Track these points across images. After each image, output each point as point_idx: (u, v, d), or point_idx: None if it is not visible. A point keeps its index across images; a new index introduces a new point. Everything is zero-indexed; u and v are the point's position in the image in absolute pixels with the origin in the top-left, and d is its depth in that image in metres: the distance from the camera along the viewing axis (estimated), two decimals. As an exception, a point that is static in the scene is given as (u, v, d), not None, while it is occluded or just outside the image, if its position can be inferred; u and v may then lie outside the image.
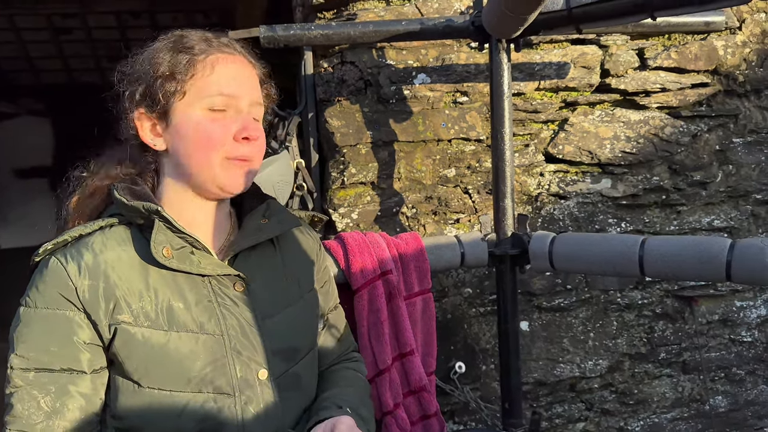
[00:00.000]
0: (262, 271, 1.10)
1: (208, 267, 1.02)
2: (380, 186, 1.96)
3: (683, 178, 2.13)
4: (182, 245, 1.01)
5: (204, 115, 1.02)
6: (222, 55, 1.05)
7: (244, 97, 1.05)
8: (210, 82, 1.02)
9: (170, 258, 0.98)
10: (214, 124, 1.02)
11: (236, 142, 1.03)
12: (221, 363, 1.00)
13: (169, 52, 1.03)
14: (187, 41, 1.05)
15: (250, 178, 1.08)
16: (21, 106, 7.02)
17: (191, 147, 1.02)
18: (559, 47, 2.03)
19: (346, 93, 1.93)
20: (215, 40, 1.07)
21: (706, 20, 1.86)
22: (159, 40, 1.07)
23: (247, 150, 1.04)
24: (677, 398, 2.22)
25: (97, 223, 1.04)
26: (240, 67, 1.06)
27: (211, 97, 1.02)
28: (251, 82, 1.07)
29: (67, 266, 0.97)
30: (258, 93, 1.09)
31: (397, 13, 1.93)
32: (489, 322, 2.06)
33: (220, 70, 1.03)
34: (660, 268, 1.44)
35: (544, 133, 2.06)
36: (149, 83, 1.02)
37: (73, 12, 5.22)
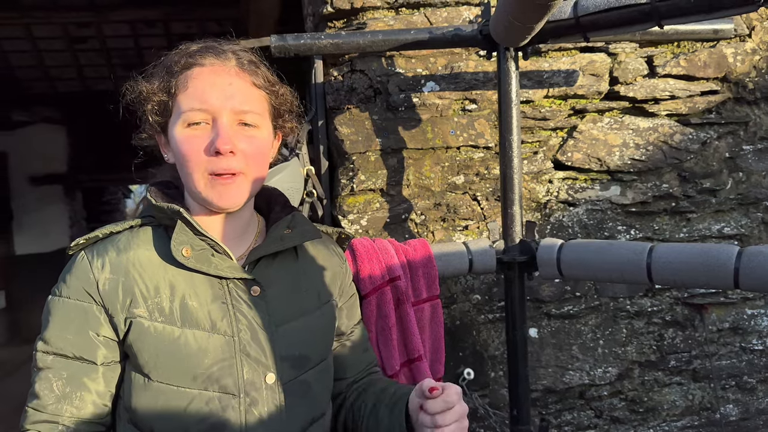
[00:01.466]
0: (280, 279, 1.11)
1: (226, 270, 1.04)
2: (389, 193, 1.98)
3: (693, 186, 2.12)
4: (203, 247, 1.03)
5: (181, 132, 1.02)
6: (199, 68, 1.04)
7: (221, 107, 1.02)
8: (185, 97, 1.03)
9: (189, 258, 1.01)
10: (188, 142, 1.02)
11: (211, 155, 1.00)
12: (229, 363, 1.02)
13: (161, 72, 1.06)
14: (174, 58, 1.06)
15: (242, 191, 1.05)
16: (36, 114, 7.13)
17: (180, 164, 1.04)
18: (568, 55, 2.04)
19: (356, 101, 1.95)
20: (204, 51, 1.05)
21: (715, 28, 1.86)
22: (162, 57, 1.10)
23: (225, 164, 1.01)
24: (687, 406, 2.20)
25: (128, 222, 1.09)
26: (218, 77, 1.03)
27: (186, 112, 1.02)
28: (234, 89, 1.03)
29: (93, 261, 1.02)
30: (247, 98, 1.05)
31: (406, 22, 1.95)
32: (498, 329, 2.07)
33: (195, 84, 1.03)
34: (668, 275, 1.44)
35: (553, 140, 2.07)
36: (150, 103, 1.06)
37: (87, 21, 5.31)
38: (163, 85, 1.05)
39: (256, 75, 1.07)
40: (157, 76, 1.07)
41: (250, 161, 1.04)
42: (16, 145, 7.02)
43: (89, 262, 1.02)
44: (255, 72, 1.07)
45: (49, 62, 6.21)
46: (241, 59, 1.07)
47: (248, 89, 1.06)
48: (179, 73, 1.04)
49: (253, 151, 1.05)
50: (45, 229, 6.93)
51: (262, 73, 1.09)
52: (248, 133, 1.04)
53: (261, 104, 1.08)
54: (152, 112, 1.07)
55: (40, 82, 6.60)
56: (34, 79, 6.53)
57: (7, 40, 5.68)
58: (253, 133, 1.05)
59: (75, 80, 6.58)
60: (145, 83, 1.07)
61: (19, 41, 5.70)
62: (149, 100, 1.06)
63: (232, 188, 1.03)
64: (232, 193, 1.03)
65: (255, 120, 1.05)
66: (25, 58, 6.06)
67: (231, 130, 1.02)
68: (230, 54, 1.06)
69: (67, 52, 5.99)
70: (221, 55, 1.05)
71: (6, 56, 5.99)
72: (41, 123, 7.16)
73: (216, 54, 1.05)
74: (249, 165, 1.04)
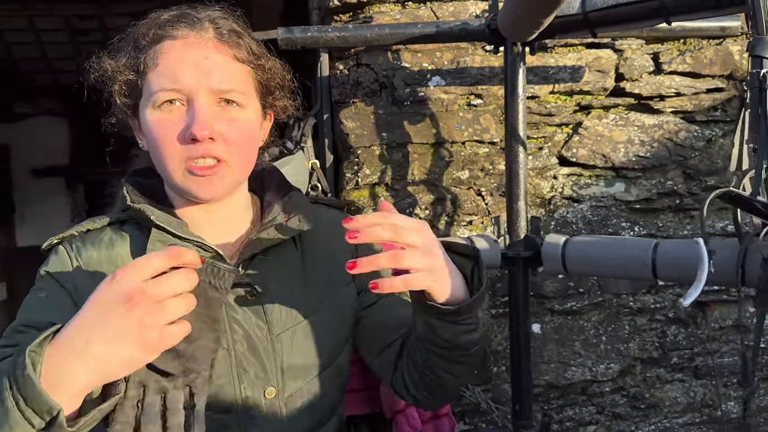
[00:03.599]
0: (279, 276, 0.98)
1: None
2: (394, 187, 1.98)
3: (697, 183, 2.12)
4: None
5: (152, 116, 0.90)
6: (170, 41, 0.90)
7: (196, 85, 0.88)
8: (154, 76, 0.89)
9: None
10: (161, 126, 0.89)
11: (187, 143, 0.88)
12: (226, 381, 0.91)
13: (128, 46, 0.93)
14: (141, 30, 0.93)
15: (226, 182, 0.92)
16: (38, 106, 7.11)
17: (153, 152, 0.92)
18: (574, 51, 2.03)
19: (361, 95, 1.95)
20: (176, 20, 0.92)
21: (722, 25, 1.86)
22: (130, 28, 0.96)
23: (202, 151, 0.88)
24: (689, 403, 2.21)
25: (108, 217, 0.98)
26: (193, 51, 0.89)
27: (156, 93, 0.88)
28: (212, 63, 0.89)
29: (71, 254, 0.93)
30: (228, 75, 0.91)
31: (412, 16, 1.94)
32: (500, 324, 2.07)
33: (165, 60, 0.89)
34: (672, 271, 1.44)
35: (558, 136, 2.07)
36: (116, 83, 0.94)
37: (90, 14, 5.29)
38: (131, 61, 0.91)
39: (239, 47, 0.93)
40: (124, 51, 0.93)
41: (233, 147, 0.90)
42: (18, 137, 7.01)
43: (68, 255, 0.93)
44: (237, 43, 0.93)
45: (52, 54, 6.19)
46: (220, 28, 0.92)
47: (229, 64, 0.91)
48: (148, 48, 0.90)
49: (237, 135, 0.91)
50: (47, 221, 6.92)
51: (245, 44, 0.94)
52: (230, 114, 0.91)
53: (245, 80, 0.94)
54: (120, 93, 0.94)
55: (42, 74, 6.58)
56: (36, 71, 6.51)
57: (9, 32, 5.66)
58: (237, 113, 0.92)
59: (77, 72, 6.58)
60: (110, 60, 0.94)
61: (22, 33, 5.67)
62: (115, 79, 0.93)
63: (213, 179, 0.90)
64: (214, 184, 0.90)
65: (238, 98, 0.92)
66: (27, 50, 6.04)
67: (209, 112, 0.89)
68: (207, 23, 0.92)
69: (69, 44, 5.97)
70: (196, 25, 0.91)
71: (8, 48, 5.97)
72: (43, 115, 7.15)
73: (190, 23, 0.91)
74: (232, 151, 0.91)
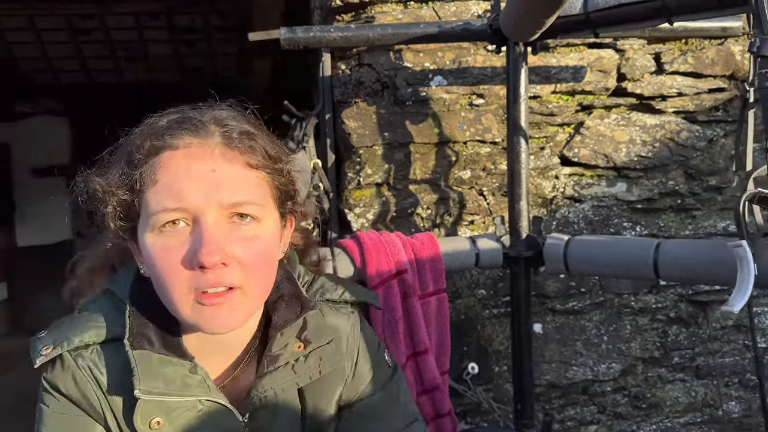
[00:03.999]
0: (280, 417, 0.90)
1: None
2: (396, 187, 1.98)
3: (699, 183, 2.12)
4: (188, 406, 0.83)
5: (154, 241, 0.79)
6: (171, 152, 0.79)
7: (204, 203, 0.77)
8: (153, 194, 0.78)
9: (161, 429, 0.81)
10: (164, 254, 0.78)
11: (195, 271, 0.77)
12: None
13: (121, 161, 0.83)
14: (136, 141, 0.82)
15: (240, 312, 0.81)
16: (39, 105, 7.12)
17: (155, 283, 0.82)
18: (576, 51, 2.04)
19: (363, 95, 1.95)
20: (176, 127, 0.81)
21: (723, 25, 1.86)
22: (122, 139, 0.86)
23: (214, 280, 0.77)
24: (690, 403, 2.21)
25: (115, 326, 0.86)
26: (198, 162, 0.78)
27: (156, 214, 0.78)
28: (221, 176, 0.78)
29: (93, 387, 0.83)
30: (240, 186, 0.80)
31: (414, 16, 1.95)
32: (502, 324, 2.07)
33: (165, 175, 0.78)
34: (674, 271, 1.44)
35: (560, 136, 2.07)
36: (109, 205, 0.83)
37: (91, 13, 5.29)
38: (124, 179, 0.80)
39: (252, 151, 0.81)
40: (116, 166, 0.83)
41: (249, 271, 0.79)
42: (19, 136, 7.01)
43: (87, 381, 0.83)
44: (250, 147, 0.81)
45: (53, 54, 6.19)
46: (228, 132, 0.81)
47: (240, 173, 0.80)
48: (144, 161, 0.79)
49: (254, 258, 0.80)
50: (47, 221, 6.92)
51: (259, 147, 0.82)
52: (245, 232, 0.80)
53: (260, 189, 0.82)
54: (114, 216, 0.82)
55: (43, 73, 6.58)
56: (37, 70, 6.51)
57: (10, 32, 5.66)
58: (253, 230, 0.81)
59: (78, 72, 6.57)
60: (98, 179, 0.83)
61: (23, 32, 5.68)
62: (107, 201, 0.82)
63: (224, 309, 0.79)
64: (225, 315, 0.79)
65: (254, 211, 0.81)
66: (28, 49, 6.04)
67: (219, 232, 0.77)
68: (213, 126, 0.81)
69: (70, 43, 5.97)
70: (200, 130, 0.80)
71: (9, 47, 5.97)
72: (44, 114, 7.15)
73: (192, 129, 0.80)
74: (249, 276, 0.80)
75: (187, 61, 6.18)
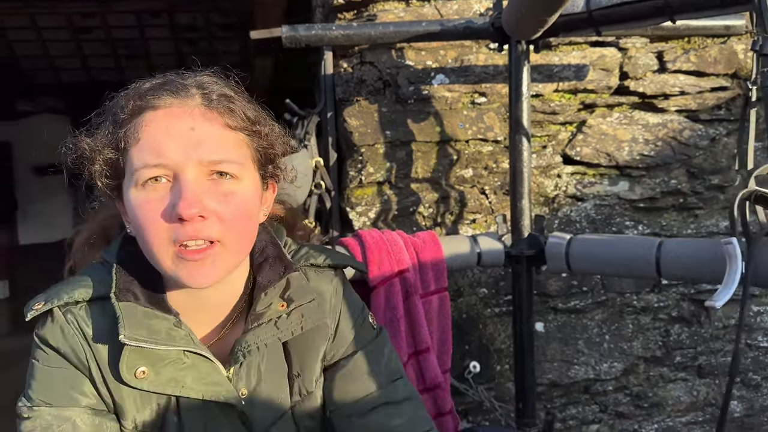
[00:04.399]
0: (265, 372, 0.94)
1: (200, 388, 0.87)
2: (397, 185, 1.98)
3: (701, 182, 2.12)
4: (171, 357, 0.86)
5: (137, 196, 0.82)
6: (152, 111, 0.83)
7: (183, 159, 0.80)
8: (136, 151, 0.82)
9: (147, 378, 0.84)
10: (145, 208, 0.81)
11: (174, 224, 0.80)
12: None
13: (107, 121, 0.87)
14: (120, 102, 0.86)
15: (220, 266, 0.83)
16: (40, 104, 7.12)
17: (139, 237, 0.84)
18: (578, 49, 2.03)
19: (365, 93, 1.95)
20: (158, 89, 0.85)
21: (726, 24, 1.86)
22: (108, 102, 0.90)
23: (191, 232, 0.79)
24: (692, 402, 2.21)
25: (104, 285, 0.89)
26: (177, 121, 0.82)
27: (138, 170, 0.81)
28: (200, 134, 0.82)
29: (80, 340, 0.87)
30: (219, 145, 0.83)
31: (416, 14, 1.94)
32: (504, 323, 2.07)
33: (147, 134, 0.82)
34: (677, 270, 1.44)
35: (562, 134, 2.07)
36: (96, 163, 0.87)
37: (92, 11, 5.29)
38: (110, 138, 0.84)
39: (231, 113, 0.85)
40: (103, 127, 0.87)
41: (228, 225, 0.82)
42: (21, 135, 7.02)
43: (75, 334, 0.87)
44: (229, 109, 0.85)
45: (54, 52, 6.20)
46: (208, 94, 0.85)
47: (219, 132, 0.84)
48: (128, 121, 0.83)
49: (232, 213, 0.82)
50: (49, 219, 6.93)
51: (238, 110, 0.86)
52: (224, 187, 0.83)
53: (239, 150, 0.86)
54: (101, 175, 0.86)
55: (44, 72, 6.59)
56: (38, 68, 6.52)
57: (11, 30, 5.67)
58: (232, 186, 0.84)
59: (79, 70, 6.57)
60: (87, 139, 0.87)
61: (24, 31, 5.68)
62: (94, 159, 0.86)
63: (205, 264, 0.81)
64: (205, 270, 0.82)
65: (232, 169, 0.84)
66: (29, 47, 6.05)
67: (199, 188, 0.81)
68: (194, 89, 0.85)
69: (71, 42, 5.97)
70: (181, 92, 0.84)
71: (10, 46, 5.98)
72: (45, 113, 7.15)
73: (173, 90, 0.84)
74: (227, 230, 0.82)
75: (189, 60, 6.18)
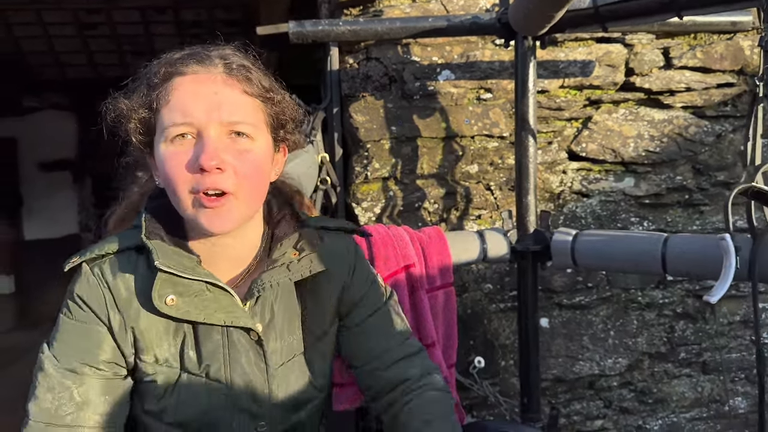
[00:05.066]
0: (281, 313, 1.04)
1: (220, 316, 0.97)
2: (403, 181, 1.98)
3: (707, 178, 2.12)
4: (195, 289, 0.97)
5: (165, 150, 0.94)
6: (180, 77, 0.95)
7: (206, 119, 0.92)
8: (167, 111, 0.94)
9: (175, 306, 0.95)
10: (172, 159, 0.93)
11: (196, 174, 0.91)
12: (222, 414, 0.99)
13: (141, 86, 0.99)
14: (153, 69, 0.98)
15: (235, 215, 0.95)
16: (46, 100, 7.14)
17: (166, 186, 0.96)
18: (584, 45, 2.03)
19: (371, 89, 1.95)
20: (186, 58, 0.96)
21: (733, 20, 1.86)
22: (143, 68, 1.02)
23: (211, 182, 0.91)
24: (696, 398, 2.21)
25: (132, 238, 1.00)
26: (202, 86, 0.94)
27: (168, 128, 0.93)
28: (221, 98, 0.93)
29: (102, 288, 0.97)
30: (237, 108, 0.95)
31: (422, 9, 1.94)
32: (509, 318, 2.07)
33: (176, 96, 0.94)
34: (682, 266, 1.44)
35: (568, 130, 2.07)
36: (131, 121, 0.99)
37: (98, 7, 5.30)
38: (144, 99, 0.97)
39: (249, 81, 0.97)
40: (138, 90, 0.99)
41: (241, 179, 0.93)
42: (26, 131, 7.04)
43: (96, 279, 0.98)
44: (247, 78, 0.97)
45: (60, 48, 6.21)
46: (229, 64, 0.97)
47: (238, 97, 0.95)
48: (160, 85, 0.95)
49: (247, 167, 0.94)
50: (54, 215, 6.95)
51: (255, 79, 0.98)
52: (240, 145, 0.94)
53: (255, 114, 0.98)
54: (135, 132, 0.99)
55: (50, 68, 6.60)
56: (44, 65, 6.53)
57: (17, 26, 5.68)
58: (247, 145, 0.95)
59: (85, 66, 6.58)
60: (124, 100, 0.99)
61: (30, 27, 5.69)
62: (130, 118, 0.98)
63: (221, 212, 0.93)
64: (222, 217, 0.93)
65: (248, 130, 0.95)
66: (35, 43, 6.06)
67: (219, 144, 0.92)
68: (217, 59, 0.97)
69: (77, 38, 5.98)
70: (206, 61, 0.96)
71: (16, 42, 5.99)
72: (51, 109, 7.17)
73: (199, 60, 0.96)
74: (241, 183, 0.93)
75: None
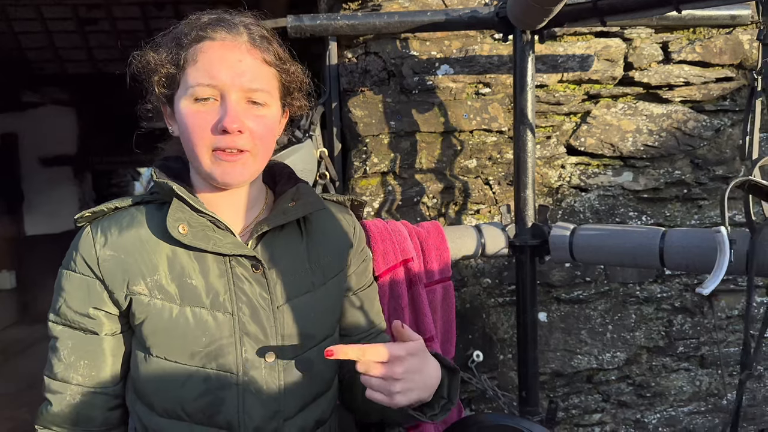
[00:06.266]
0: (285, 255, 1.10)
1: (226, 246, 1.04)
2: (402, 176, 1.98)
3: (705, 173, 2.12)
4: (202, 224, 1.03)
5: (188, 106, 1.01)
6: (210, 42, 1.02)
7: (230, 84, 1.00)
8: (193, 71, 1.01)
9: (186, 235, 1.01)
10: (195, 117, 1.01)
11: (218, 134, 1.00)
12: (228, 342, 1.02)
13: (170, 43, 1.05)
14: (184, 29, 1.04)
15: (247, 170, 1.04)
16: (46, 95, 7.14)
17: (184, 139, 1.04)
18: (583, 39, 2.03)
19: (370, 83, 1.95)
20: (216, 24, 1.04)
21: (732, 14, 1.85)
22: (172, 27, 1.08)
23: (230, 141, 1.00)
24: (694, 392, 2.22)
25: (135, 197, 1.10)
26: (229, 53, 1.01)
27: (193, 87, 1.00)
28: (245, 66, 1.01)
29: (96, 238, 1.04)
30: (257, 76, 1.03)
31: (421, 4, 1.94)
32: (507, 313, 2.08)
33: (203, 59, 1.01)
34: (680, 260, 1.44)
35: (567, 125, 2.07)
36: (157, 74, 1.05)
37: (98, 3, 5.30)
38: (172, 56, 1.03)
39: (268, 51, 1.05)
40: (166, 46, 1.05)
41: (257, 140, 1.03)
42: (27, 126, 7.05)
43: (93, 238, 1.04)
44: (267, 48, 1.05)
45: (60, 43, 6.21)
46: (252, 34, 1.04)
47: (259, 66, 1.03)
48: (189, 46, 1.02)
49: (262, 131, 1.04)
50: (55, 210, 6.98)
51: (273, 50, 1.07)
52: (257, 111, 1.03)
53: (271, 82, 1.06)
54: (159, 84, 1.06)
55: (50, 63, 6.61)
56: (44, 60, 6.54)
57: (17, 21, 5.69)
58: (262, 112, 1.04)
59: (85, 62, 6.59)
60: (152, 53, 1.06)
61: (30, 22, 5.70)
62: (156, 71, 1.05)
63: (237, 166, 1.02)
64: (237, 170, 1.02)
65: (264, 98, 1.04)
66: (35, 39, 6.07)
67: (240, 108, 1.01)
68: (242, 28, 1.04)
69: (77, 33, 5.99)
70: (233, 29, 1.03)
71: (16, 37, 6.00)
72: (51, 104, 7.18)
73: (228, 28, 1.03)
74: (256, 144, 1.03)
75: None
